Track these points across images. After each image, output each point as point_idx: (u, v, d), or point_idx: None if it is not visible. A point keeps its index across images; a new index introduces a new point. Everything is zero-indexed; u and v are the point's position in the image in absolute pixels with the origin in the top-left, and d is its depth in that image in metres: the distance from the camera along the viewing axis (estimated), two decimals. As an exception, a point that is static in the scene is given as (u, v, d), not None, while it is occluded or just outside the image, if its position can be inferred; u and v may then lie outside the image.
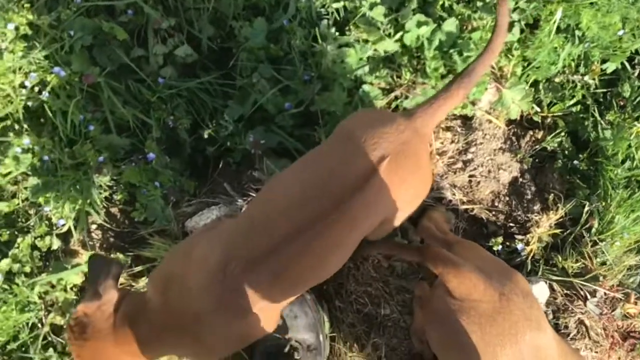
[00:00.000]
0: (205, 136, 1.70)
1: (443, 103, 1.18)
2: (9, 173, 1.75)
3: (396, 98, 1.65)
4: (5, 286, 1.70)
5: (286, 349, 1.46)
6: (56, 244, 1.75)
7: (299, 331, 1.50)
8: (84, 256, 1.77)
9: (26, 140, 1.70)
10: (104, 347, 1.13)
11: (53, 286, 1.72)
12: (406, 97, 1.63)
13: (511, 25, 1.69)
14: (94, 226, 1.78)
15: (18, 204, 1.76)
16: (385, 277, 1.57)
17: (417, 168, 1.15)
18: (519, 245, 1.55)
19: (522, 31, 1.72)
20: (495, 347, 1.15)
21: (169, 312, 1.10)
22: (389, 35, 1.61)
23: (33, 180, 1.71)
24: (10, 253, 1.71)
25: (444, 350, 1.23)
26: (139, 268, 1.67)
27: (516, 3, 1.70)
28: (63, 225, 1.72)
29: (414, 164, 1.14)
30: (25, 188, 1.76)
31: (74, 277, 1.71)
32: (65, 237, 1.78)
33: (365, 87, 1.59)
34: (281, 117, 1.60)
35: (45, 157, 1.67)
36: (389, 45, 1.59)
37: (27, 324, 1.70)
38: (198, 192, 1.68)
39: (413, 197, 1.22)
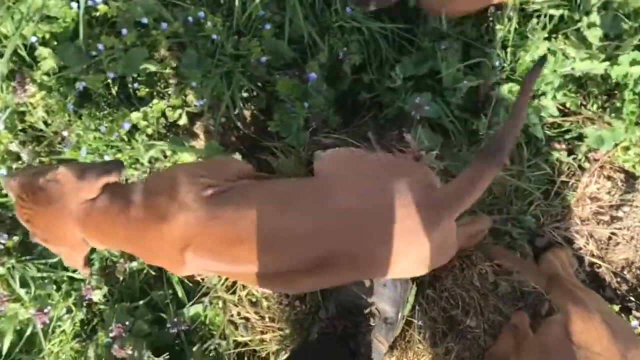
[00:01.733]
0: (366, 81, 1.65)
1: (471, 188, 1.04)
2: (171, 37, 1.76)
3: (570, 123, 1.55)
4: (125, 138, 1.72)
5: (366, 311, 1.42)
6: (184, 120, 1.76)
7: (382, 300, 1.45)
8: (203, 143, 1.77)
9: (201, 13, 1.70)
10: (66, 224, 1.10)
11: (165, 156, 1.74)
12: (582, 127, 1.53)
13: None
14: (223, 119, 1.78)
15: (165, 68, 1.77)
16: (485, 291, 1.50)
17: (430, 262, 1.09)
18: (634, 322, 1.44)
19: None
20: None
21: (140, 218, 1.09)
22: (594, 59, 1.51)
23: (190, 53, 1.72)
24: (141, 109, 1.73)
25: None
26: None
27: None
28: (199, 105, 1.73)
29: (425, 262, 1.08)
30: (179, 58, 1.77)
31: (187, 156, 1.71)
32: (193, 117, 1.79)
33: (548, 101, 1.50)
34: (452, 92, 1.53)
35: (214, 36, 1.67)
36: (592, 69, 1.48)
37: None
38: (338, 129, 1.64)
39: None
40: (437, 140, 1.52)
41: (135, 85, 1.76)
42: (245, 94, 1.76)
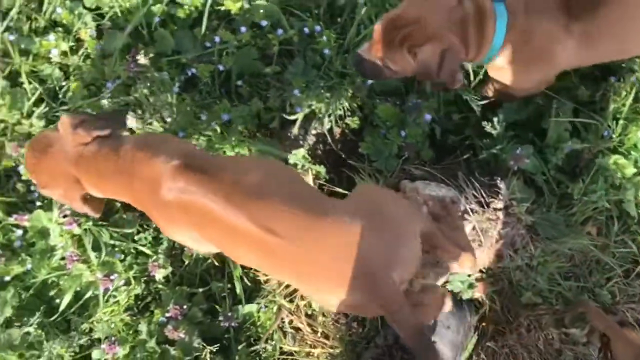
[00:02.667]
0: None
1: (394, 320, 1.19)
2: (283, 44, 1.81)
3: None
4: (219, 129, 1.77)
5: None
6: (276, 123, 1.80)
7: (442, 341, 1.44)
8: (289, 149, 1.80)
9: (317, 27, 1.76)
10: (65, 167, 1.27)
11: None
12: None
13: None
14: (314, 131, 1.82)
15: (272, 71, 1.82)
16: (547, 357, 1.47)
17: None
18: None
19: None
20: None
21: (129, 154, 1.23)
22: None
23: (298, 61, 1.77)
24: (240, 108, 1.77)
25: None
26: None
27: None
28: (296, 112, 1.76)
29: None
30: (285, 65, 1.82)
31: (271, 158, 1.75)
32: (285, 123, 1.83)
33: (647, 179, 1.48)
34: (552, 151, 1.52)
35: (326, 50, 1.72)
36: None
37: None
38: (429, 163, 1.65)
39: None
40: (530, 195, 1.51)
41: (239, 82, 1.82)
42: (340, 112, 1.79)
